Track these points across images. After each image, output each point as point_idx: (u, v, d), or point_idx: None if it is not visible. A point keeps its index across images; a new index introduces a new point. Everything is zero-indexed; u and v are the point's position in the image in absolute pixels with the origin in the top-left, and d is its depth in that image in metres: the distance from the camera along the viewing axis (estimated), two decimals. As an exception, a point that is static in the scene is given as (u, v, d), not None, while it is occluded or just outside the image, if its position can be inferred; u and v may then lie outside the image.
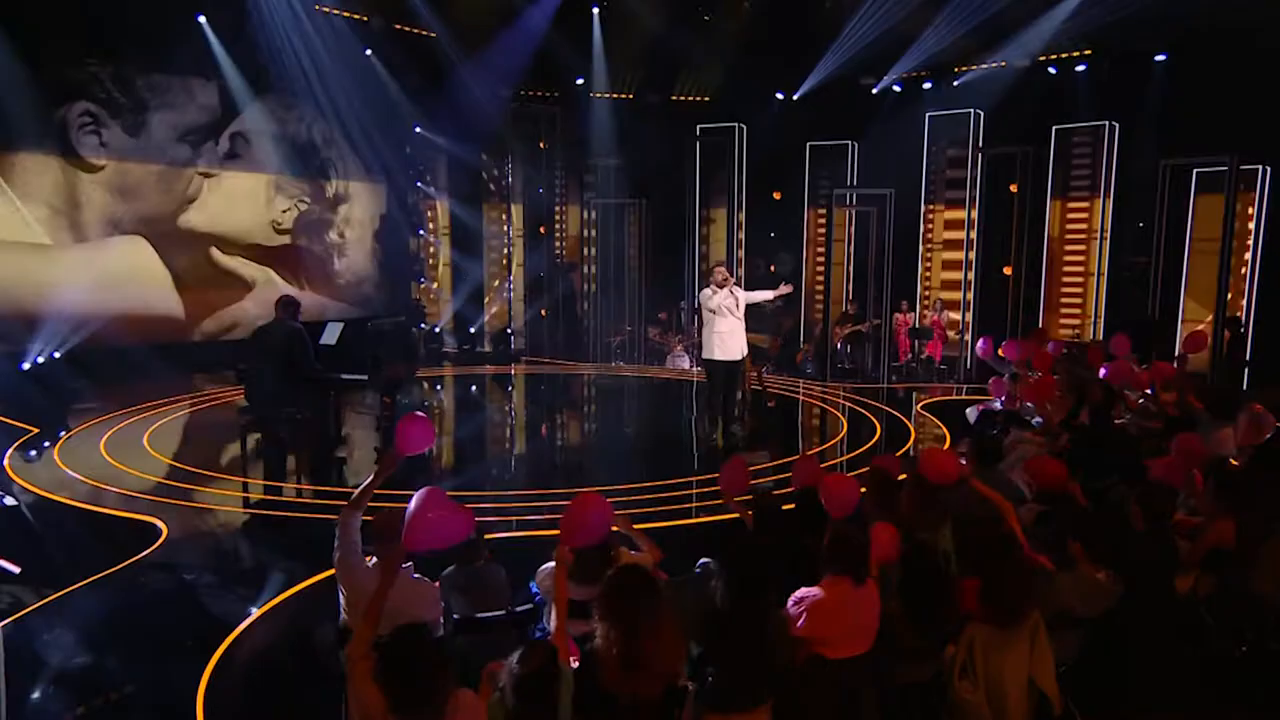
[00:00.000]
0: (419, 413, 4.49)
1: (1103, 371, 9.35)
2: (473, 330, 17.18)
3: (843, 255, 16.21)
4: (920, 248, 16.73)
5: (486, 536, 4.80)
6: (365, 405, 11.13)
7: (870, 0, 14.47)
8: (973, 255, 15.42)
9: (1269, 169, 13.10)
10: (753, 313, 11.06)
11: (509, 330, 16.26)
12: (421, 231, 17.24)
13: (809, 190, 16.80)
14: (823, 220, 15.70)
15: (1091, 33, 14.12)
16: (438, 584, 4.20)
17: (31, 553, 6.55)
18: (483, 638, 4.08)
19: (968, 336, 15.17)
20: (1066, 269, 15.46)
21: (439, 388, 14.96)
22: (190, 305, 14.38)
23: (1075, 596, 4.29)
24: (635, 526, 4.54)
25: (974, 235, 15.36)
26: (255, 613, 5.48)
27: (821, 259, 15.88)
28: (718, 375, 9.98)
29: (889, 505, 5.02)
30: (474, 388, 15.29)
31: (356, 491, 4.16)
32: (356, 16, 14.89)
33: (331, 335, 8.88)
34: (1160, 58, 14.00)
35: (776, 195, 17.15)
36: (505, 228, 16.00)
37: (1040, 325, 14.72)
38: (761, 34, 16.11)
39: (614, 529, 4.21)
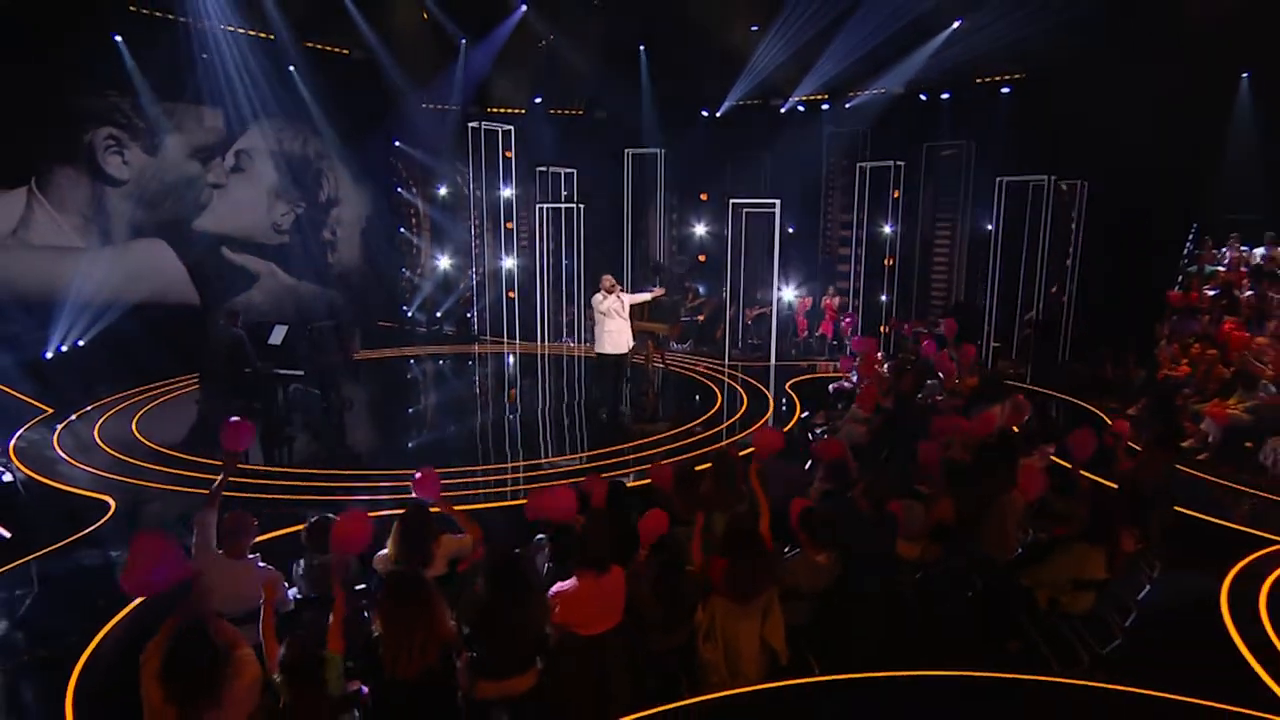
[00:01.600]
0: (238, 417, 4.52)
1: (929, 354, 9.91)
2: (439, 314, 17.04)
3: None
4: (820, 242, 17.42)
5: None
6: (308, 397, 10.43)
7: (774, 32, 14.55)
8: (861, 250, 15.53)
9: (1085, 185, 13.56)
10: (653, 305, 11.36)
11: (468, 315, 16.21)
12: (402, 229, 17.28)
13: (729, 196, 16.99)
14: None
15: (951, 68, 14.34)
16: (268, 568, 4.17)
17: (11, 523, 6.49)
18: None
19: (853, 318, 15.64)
20: (936, 259, 16.18)
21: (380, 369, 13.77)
22: (204, 295, 14.36)
23: (802, 576, 4.49)
24: (457, 508, 4.60)
25: (861, 233, 15.53)
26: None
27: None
28: (607, 366, 10.18)
29: (692, 492, 5.13)
30: (411, 369, 14.29)
31: (210, 491, 4.19)
32: (341, 51, 15.19)
33: (278, 337, 8.89)
34: (1005, 90, 14.48)
35: (703, 196, 17.22)
36: (470, 226, 16.13)
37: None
38: (689, 61, 16.16)
39: (435, 510, 4.37)
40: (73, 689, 4.33)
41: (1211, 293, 12.03)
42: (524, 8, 14.21)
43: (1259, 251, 12.51)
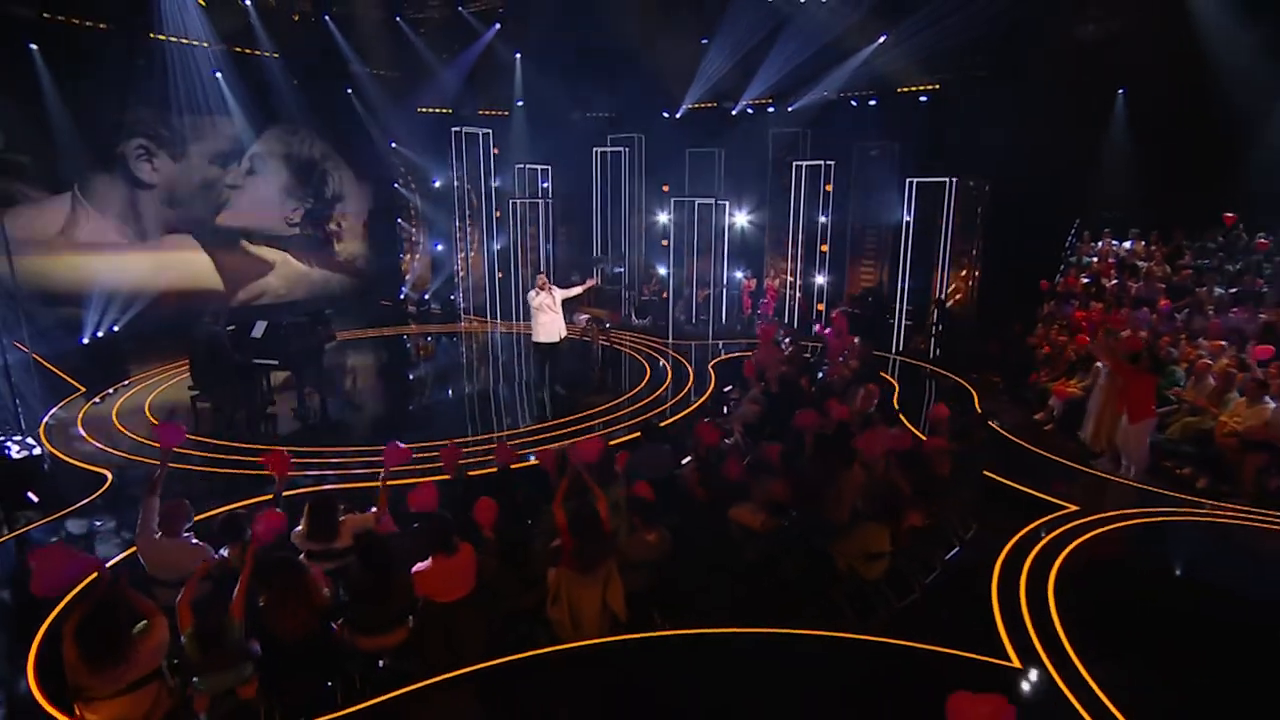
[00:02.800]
0: (171, 421, 5.01)
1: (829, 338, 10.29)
2: (426, 296, 17.12)
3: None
4: (766, 230, 17.69)
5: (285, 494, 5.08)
6: (287, 384, 10.12)
7: (719, 39, 14.80)
8: (800, 236, 15.73)
9: (989, 184, 13.77)
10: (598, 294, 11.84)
11: (452, 296, 16.56)
12: (400, 220, 17.37)
13: (688, 186, 17.02)
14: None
15: (878, 77, 14.55)
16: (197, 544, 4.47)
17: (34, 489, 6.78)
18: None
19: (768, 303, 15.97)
20: (866, 248, 16.54)
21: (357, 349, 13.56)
22: (228, 281, 14.93)
23: (634, 552, 4.84)
24: (390, 482, 5.01)
25: (799, 223, 15.64)
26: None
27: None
28: (542, 352, 10.22)
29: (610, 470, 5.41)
30: (390, 349, 13.98)
31: (151, 480, 4.49)
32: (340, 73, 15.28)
33: (259, 331, 9.01)
34: (924, 99, 14.60)
35: (665, 188, 17.23)
36: (456, 217, 16.19)
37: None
38: (652, 67, 16.19)
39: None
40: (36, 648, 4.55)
41: (1085, 280, 12.52)
42: (497, 26, 14.37)
43: (1127, 245, 12.93)
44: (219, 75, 13.61)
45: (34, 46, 11.57)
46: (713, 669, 4.52)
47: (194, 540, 4.52)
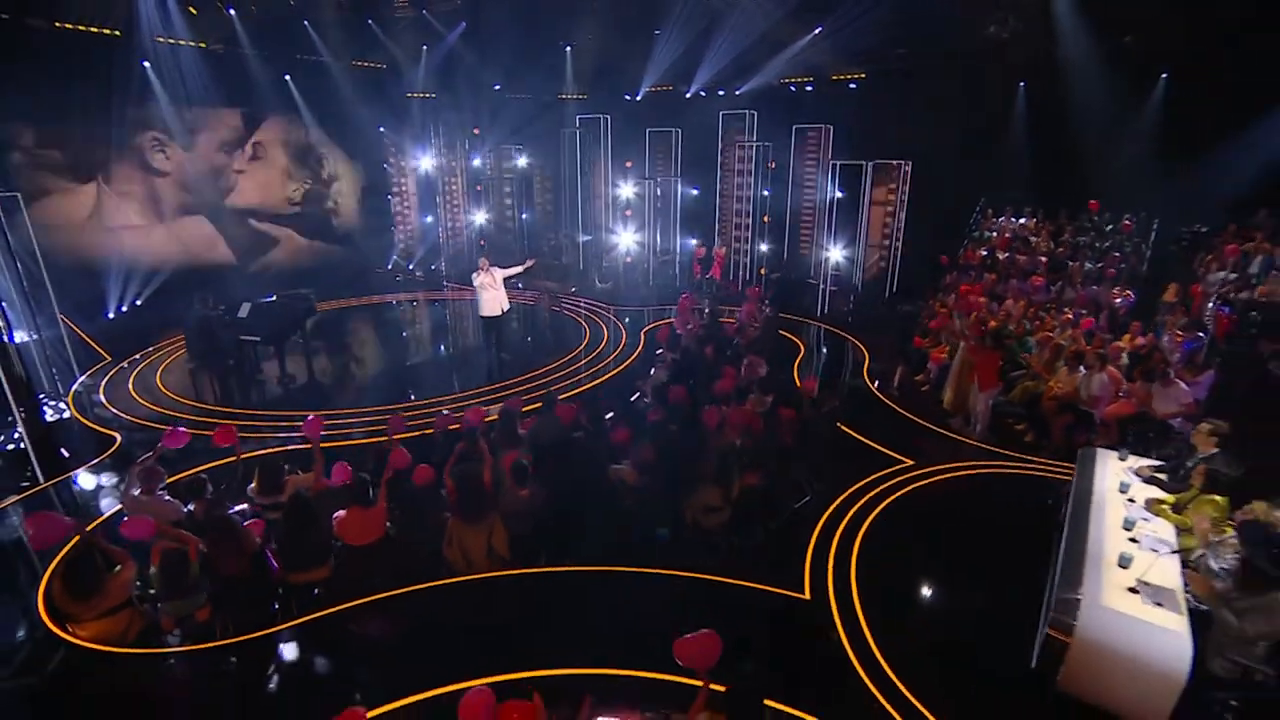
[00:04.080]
0: (178, 428, 5.44)
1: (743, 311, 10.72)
2: (411, 265, 17.27)
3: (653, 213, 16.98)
4: (717, 202, 17.94)
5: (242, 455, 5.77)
6: (269, 356, 10.09)
7: (669, 28, 14.86)
8: (748, 209, 16.00)
9: (909, 165, 13.87)
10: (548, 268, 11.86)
11: (433, 266, 16.73)
12: (390, 196, 17.47)
13: (648, 164, 17.22)
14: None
15: (814, 65, 14.68)
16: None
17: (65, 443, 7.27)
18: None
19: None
20: (804, 218, 16.78)
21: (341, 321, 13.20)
22: (238, 256, 15.26)
23: (512, 505, 5.31)
24: (323, 445, 5.60)
25: (744, 195, 15.93)
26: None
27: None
28: (487, 324, 10.35)
29: (514, 432, 6.04)
30: (371, 318, 13.55)
31: (142, 458, 5.16)
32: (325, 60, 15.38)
33: (244, 311, 9.38)
34: (853, 86, 14.74)
35: (628, 164, 17.22)
36: (440, 191, 16.42)
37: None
38: (614, 55, 16.51)
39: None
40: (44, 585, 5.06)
41: (983, 254, 12.91)
42: (464, 25, 14.40)
43: (1022, 221, 13.25)
44: (215, 72, 13.74)
45: (50, 53, 11.73)
46: (578, 598, 5.10)
47: (166, 497, 5.18)
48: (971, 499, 6.76)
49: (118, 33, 11.98)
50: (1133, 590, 4.11)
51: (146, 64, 12.77)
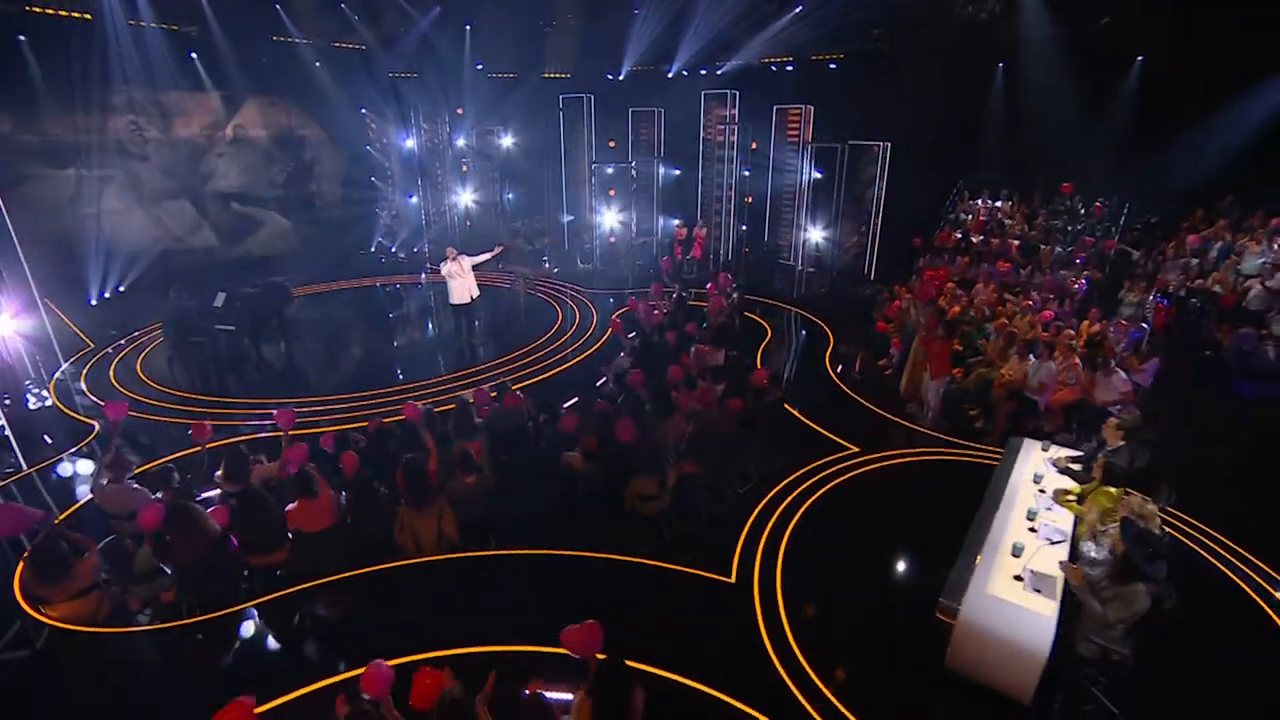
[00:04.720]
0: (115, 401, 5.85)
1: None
2: (394, 248, 17.23)
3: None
4: (699, 183, 18.00)
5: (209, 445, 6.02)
6: (244, 345, 10.16)
7: (648, 8, 14.84)
8: (732, 189, 16.08)
9: (888, 145, 13.78)
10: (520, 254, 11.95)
11: (415, 248, 16.73)
12: (373, 178, 17.46)
13: (631, 144, 17.13)
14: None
15: (793, 46, 14.65)
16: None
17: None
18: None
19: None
20: (784, 198, 16.83)
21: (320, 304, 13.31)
22: (221, 240, 15.40)
23: (458, 492, 5.59)
24: (292, 432, 5.94)
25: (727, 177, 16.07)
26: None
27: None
28: (459, 312, 10.58)
29: (471, 423, 6.24)
30: (349, 302, 13.59)
31: (110, 449, 5.45)
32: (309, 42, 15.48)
33: (219, 300, 9.59)
34: (833, 66, 14.73)
35: (611, 144, 17.40)
36: (421, 172, 16.47)
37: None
38: (596, 34, 16.48)
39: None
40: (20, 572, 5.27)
41: (957, 236, 13.10)
42: (438, 9, 14.41)
43: (998, 205, 13.39)
44: (194, 56, 13.84)
45: (22, 38, 11.87)
46: (524, 579, 5.46)
47: (134, 485, 5.51)
48: (909, 486, 7.02)
49: (88, 16, 12.00)
50: (1017, 578, 4.48)
51: (119, 47, 12.82)
